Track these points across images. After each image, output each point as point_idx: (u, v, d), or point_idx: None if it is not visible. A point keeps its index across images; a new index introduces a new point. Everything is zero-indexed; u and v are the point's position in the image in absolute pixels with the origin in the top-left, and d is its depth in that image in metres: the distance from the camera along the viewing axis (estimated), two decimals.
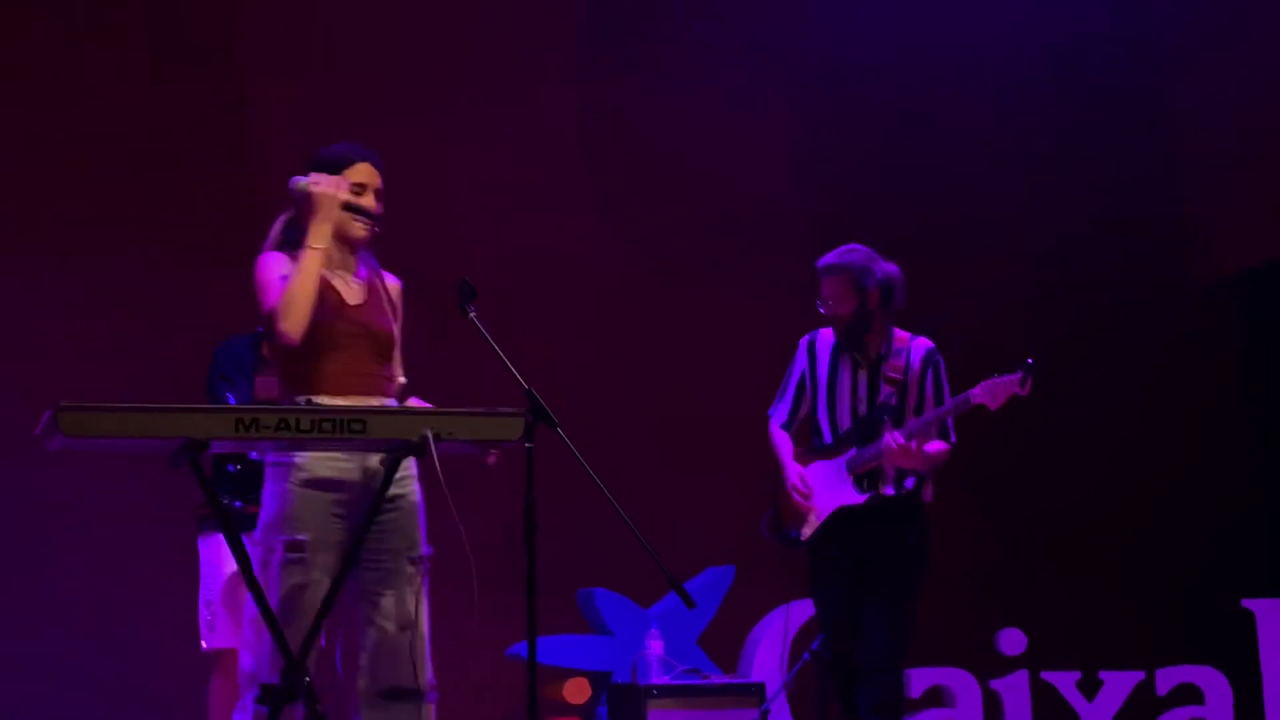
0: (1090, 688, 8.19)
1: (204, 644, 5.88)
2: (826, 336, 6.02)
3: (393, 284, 4.64)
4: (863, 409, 5.89)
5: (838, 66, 9.12)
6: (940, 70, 9.29)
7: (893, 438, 5.67)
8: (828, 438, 5.95)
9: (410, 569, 4.39)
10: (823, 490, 5.89)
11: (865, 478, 5.83)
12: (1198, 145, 9.44)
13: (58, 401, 3.84)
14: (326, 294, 4.45)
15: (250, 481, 5.52)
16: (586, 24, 8.82)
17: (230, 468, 5.54)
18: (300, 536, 4.26)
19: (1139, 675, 8.20)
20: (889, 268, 5.90)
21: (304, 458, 4.31)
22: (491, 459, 4.33)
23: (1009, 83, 9.36)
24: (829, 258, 5.93)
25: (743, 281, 8.78)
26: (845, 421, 5.92)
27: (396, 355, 4.56)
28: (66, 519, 7.38)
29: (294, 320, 4.33)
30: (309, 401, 4.34)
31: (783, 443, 6.03)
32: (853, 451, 5.84)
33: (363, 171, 4.58)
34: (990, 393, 5.70)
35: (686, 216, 8.84)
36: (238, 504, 5.45)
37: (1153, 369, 9.31)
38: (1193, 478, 9.27)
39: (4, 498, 7.33)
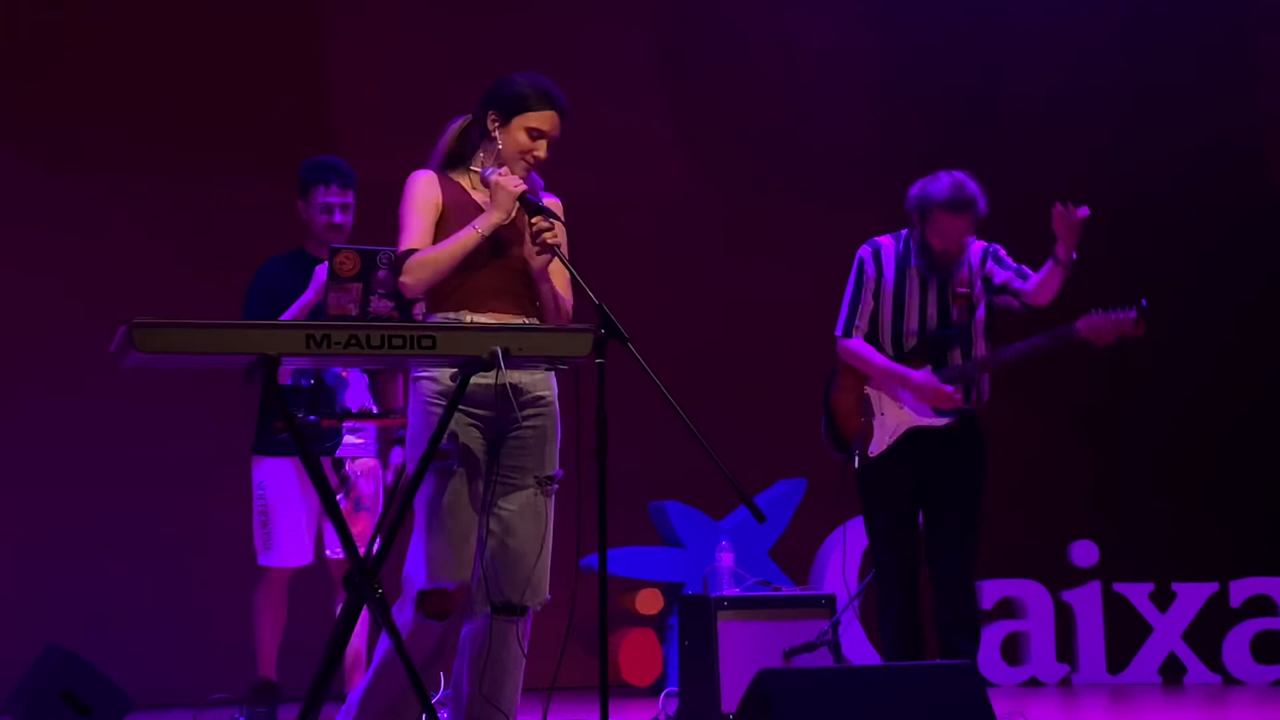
0: (1163, 599, 8.18)
1: (259, 560, 6.01)
2: (888, 247, 5.86)
3: (551, 204, 4.54)
4: (932, 325, 5.79)
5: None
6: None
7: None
8: (889, 351, 5.83)
9: (538, 489, 4.42)
10: (895, 407, 5.83)
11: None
12: None
13: (131, 318, 3.86)
14: (470, 213, 4.44)
15: (323, 397, 5.56)
16: None
17: (304, 382, 5.57)
18: (447, 446, 4.30)
19: (1212, 587, 8.19)
20: None
21: (444, 375, 4.34)
22: None
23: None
24: (958, 194, 5.65)
25: (814, 199, 8.75)
26: (911, 336, 5.81)
27: (555, 278, 4.45)
28: (124, 437, 7.46)
29: (419, 280, 4.35)
30: (469, 318, 4.36)
31: (874, 353, 5.82)
32: (927, 370, 5.77)
33: (544, 120, 4.46)
34: (1096, 328, 5.53)
35: (759, 136, 8.81)
36: (311, 418, 5.49)
37: (1230, 288, 9.24)
38: (1268, 392, 9.20)
39: (70, 416, 7.41)
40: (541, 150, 4.48)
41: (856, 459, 5.85)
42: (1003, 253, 5.82)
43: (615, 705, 6.06)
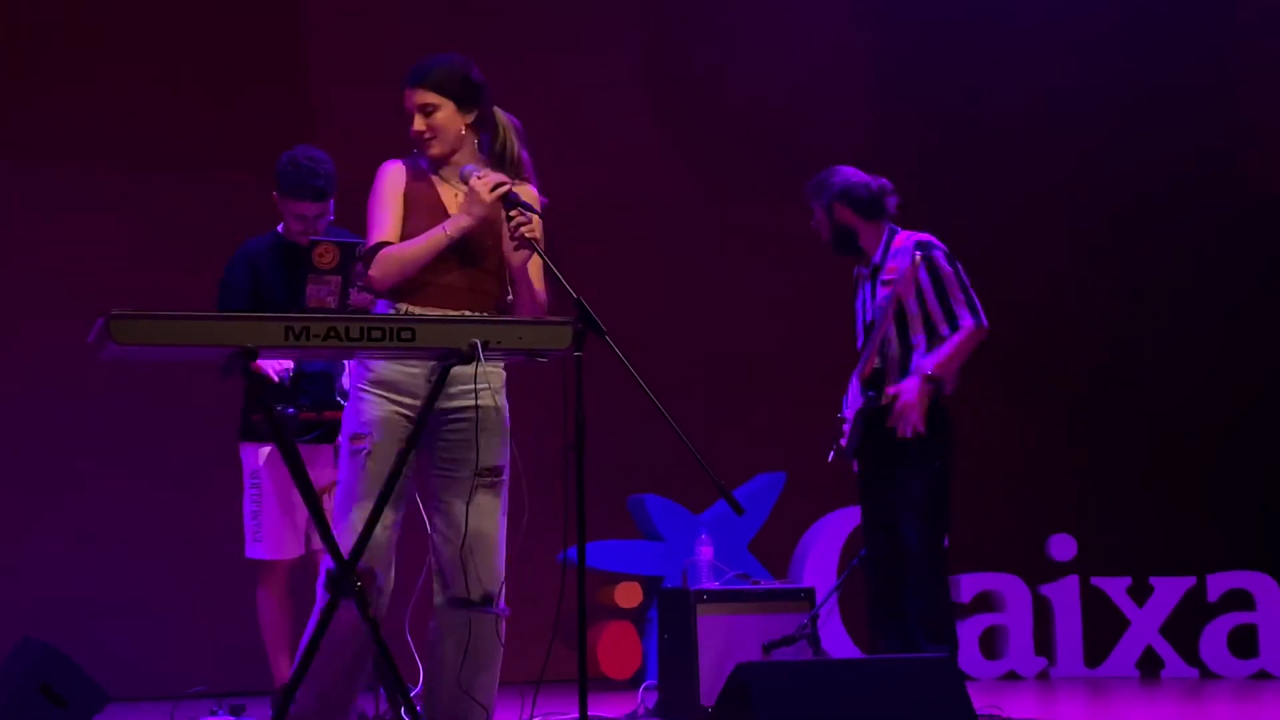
0: (1141, 593, 8.22)
1: (248, 553, 5.86)
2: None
3: (528, 194, 4.53)
4: (869, 317, 5.93)
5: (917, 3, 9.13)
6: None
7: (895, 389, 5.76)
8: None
9: (478, 481, 4.40)
10: (850, 401, 5.99)
11: (867, 382, 5.87)
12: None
13: (109, 310, 3.86)
14: (434, 205, 4.47)
15: (301, 389, 5.57)
16: None
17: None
18: (362, 430, 4.32)
19: (1190, 581, 8.22)
20: (855, 177, 5.95)
21: (377, 363, 4.38)
22: None
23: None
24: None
25: (799, 201, 8.79)
26: (860, 334, 5.99)
27: (531, 272, 4.46)
28: (114, 430, 7.49)
29: (386, 275, 4.39)
30: (405, 309, 4.38)
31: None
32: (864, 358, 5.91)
33: (405, 99, 4.52)
34: None
35: (758, 136, 8.83)
36: (290, 411, 5.49)
37: (1229, 288, 9.28)
38: (1261, 391, 9.24)
39: (50, 410, 7.43)
40: (417, 124, 4.52)
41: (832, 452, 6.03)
42: (939, 260, 5.84)
43: (594, 698, 6.12)
